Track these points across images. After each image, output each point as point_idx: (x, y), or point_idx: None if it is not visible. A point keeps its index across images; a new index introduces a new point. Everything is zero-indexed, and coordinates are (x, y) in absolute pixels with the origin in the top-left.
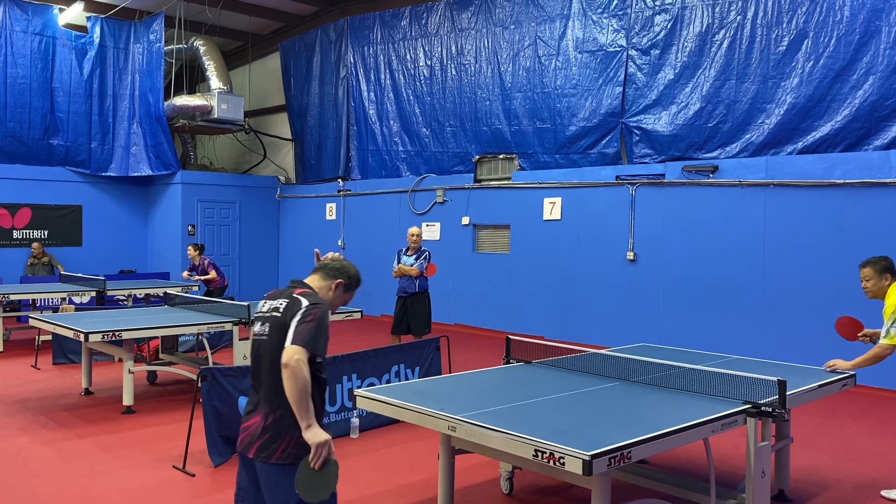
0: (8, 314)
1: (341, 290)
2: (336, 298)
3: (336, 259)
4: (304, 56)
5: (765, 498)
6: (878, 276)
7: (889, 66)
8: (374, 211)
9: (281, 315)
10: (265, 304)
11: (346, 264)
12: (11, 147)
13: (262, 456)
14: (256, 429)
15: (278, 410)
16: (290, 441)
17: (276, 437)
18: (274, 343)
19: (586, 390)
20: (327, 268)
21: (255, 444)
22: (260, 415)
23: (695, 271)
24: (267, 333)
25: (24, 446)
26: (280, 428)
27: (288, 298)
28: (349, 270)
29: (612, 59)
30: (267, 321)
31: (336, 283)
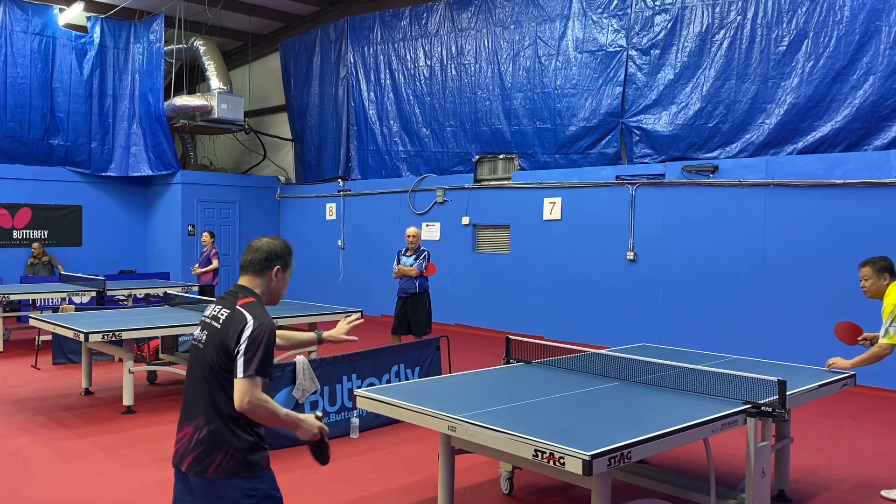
0: (8, 314)
1: (281, 273)
2: (280, 284)
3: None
4: (304, 56)
5: (765, 498)
6: (877, 276)
7: (889, 66)
8: (374, 211)
9: (220, 327)
10: (208, 309)
11: (267, 244)
12: (11, 147)
13: (196, 469)
14: (189, 441)
15: (212, 423)
16: (226, 454)
17: (210, 450)
18: (208, 355)
19: (586, 390)
20: (252, 263)
21: (189, 458)
22: (192, 426)
23: (695, 271)
24: (203, 343)
25: (24, 446)
26: (214, 441)
27: (230, 309)
28: (276, 248)
29: (612, 59)
30: (207, 329)
31: (274, 270)
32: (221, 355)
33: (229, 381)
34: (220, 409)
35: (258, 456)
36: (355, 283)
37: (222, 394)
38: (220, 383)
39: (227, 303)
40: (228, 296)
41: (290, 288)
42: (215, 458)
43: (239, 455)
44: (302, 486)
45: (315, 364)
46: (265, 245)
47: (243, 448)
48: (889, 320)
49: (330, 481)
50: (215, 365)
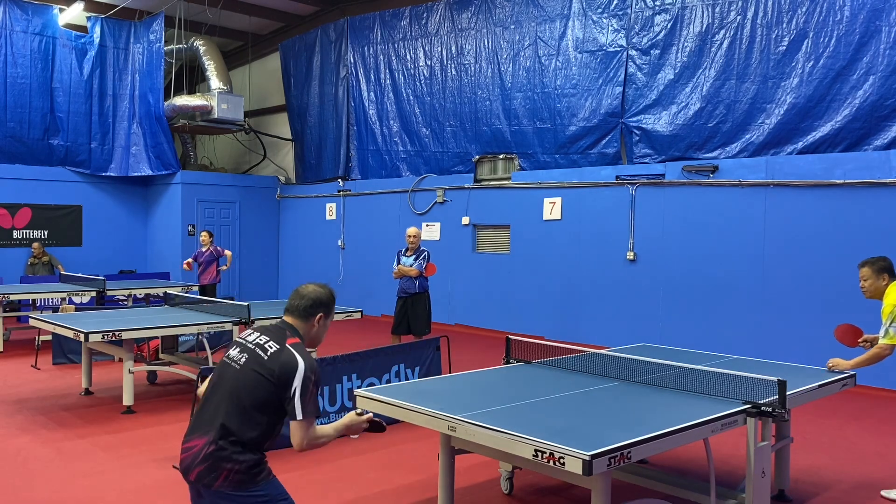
0: (8, 314)
1: (323, 320)
2: (321, 330)
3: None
4: (304, 56)
5: (765, 498)
6: (876, 276)
7: (889, 66)
8: (374, 211)
9: (268, 359)
10: (251, 335)
11: (313, 292)
12: (11, 147)
13: (203, 482)
14: (198, 453)
15: (221, 442)
16: (230, 471)
17: (214, 466)
18: (244, 377)
19: (586, 390)
20: (298, 309)
21: (196, 470)
22: (203, 440)
23: (695, 271)
24: (241, 364)
25: (24, 446)
26: (219, 458)
27: (279, 345)
28: (322, 297)
29: (612, 59)
30: (247, 352)
31: (317, 318)
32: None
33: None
34: (233, 431)
35: (259, 469)
36: (355, 283)
37: (242, 417)
38: (244, 407)
39: (275, 337)
40: (276, 329)
41: (290, 287)
42: (220, 473)
43: (242, 471)
44: (302, 486)
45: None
46: (312, 293)
47: (246, 466)
48: (889, 321)
49: (330, 481)
50: (249, 390)
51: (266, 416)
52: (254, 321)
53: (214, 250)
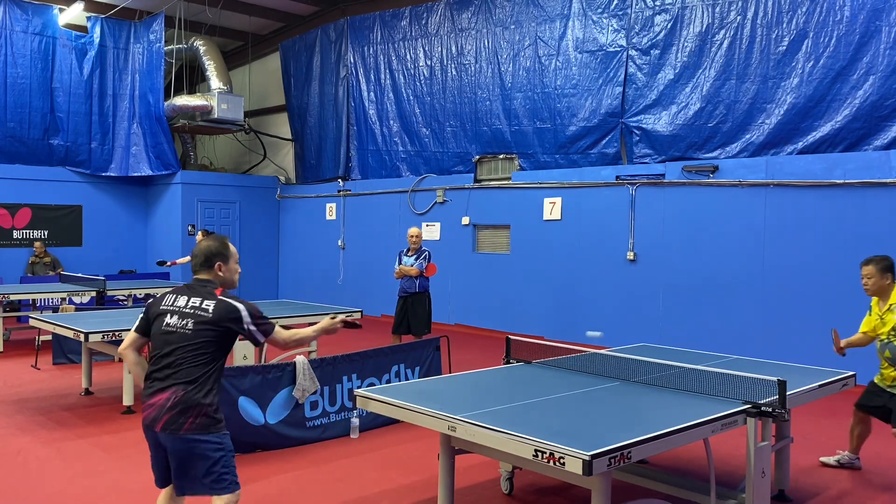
0: (8, 314)
1: (224, 268)
2: (227, 274)
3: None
4: (304, 56)
5: (765, 498)
6: (880, 275)
7: (889, 66)
8: (374, 211)
9: (212, 315)
10: (178, 299)
11: (204, 247)
12: (11, 147)
13: (171, 428)
14: (164, 404)
15: (187, 388)
16: (197, 414)
17: (183, 411)
18: (197, 336)
19: (586, 390)
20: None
21: (163, 419)
22: (167, 392)
23: (695, 271)
24: (191, 328)
25: (24, 446)
26: (187, 403)
27: (213, 299)
28: (211, 248)
29: (612, 59)
30: (189, 317)
31: (216, 266)
32: (212, 335)
33: (210, 355)
34: (194, 378)
35: (219, 414)
36: (355, 283)
37: (199, 365)
38: (201, 357)
39: (205, 295)
40: (199, 289)
41: (290, 287)
42: (188, 417)
43: (207, 413)
44: (302, 486)
45: (315, 364)
46: (203, 249)
47: (211, 410)
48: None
49: (330, 481)
50: (203, 344)
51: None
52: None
53: None
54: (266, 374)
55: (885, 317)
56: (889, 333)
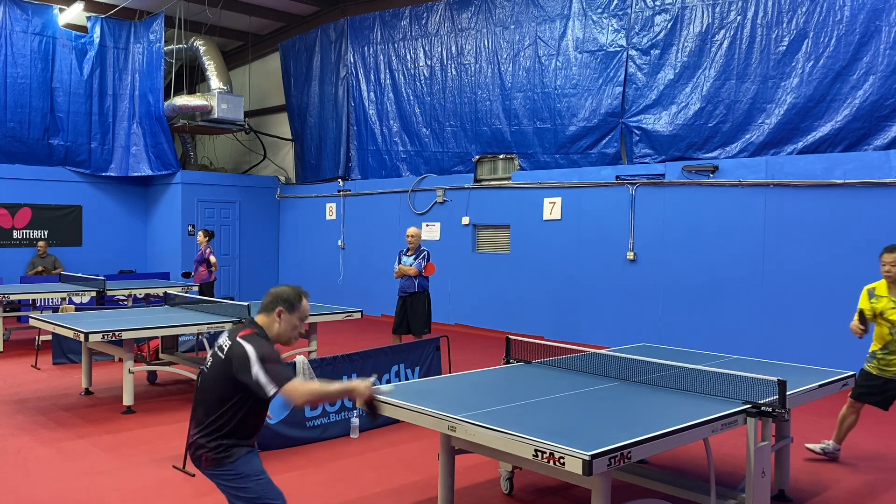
0: (8, 314)
1: (286, 315)
2: (285, 324)
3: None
4: (304, 56)
5: (765, 498)
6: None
7: (889, 66)
8: (374, 211)
9: (223, 356)
10: (221, 338)
11: (278, 290)
12: (11, 147)
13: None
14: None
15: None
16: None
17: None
18: (210, 377)
19: (586, 390)
20: (263, 305)
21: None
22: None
23: (695, 271)
24: (208, 368)
25: (24, 446)
26: (196, 446)
27: (231, 340)
28: (283, 294)
29: (612, 59)
30: (213, 357)
31: (277, 311)
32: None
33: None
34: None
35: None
36: (355, 283)
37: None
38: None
39: (231, 334)
40: (234, 328)
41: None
42: (201, 458)
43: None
44: (302, 486)
45: (315, 364)
46: (275, 291)
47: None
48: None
49: (330, 481)
50: (212, 386)
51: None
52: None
53: (203, 252)
54: None
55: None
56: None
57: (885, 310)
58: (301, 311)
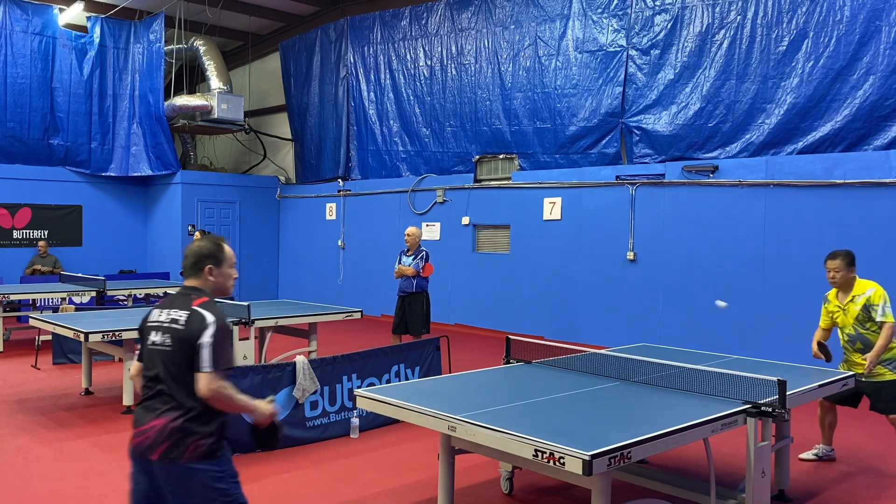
0: (8, 314)
1: (216, 270)
2: (219, 278)
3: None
4: (304, 56)
5: (765, 498)
6: (847, 269)
7: (889, 66)
8: (374, 211)
9: (183, 328)
10: (161, 313)
11: (196, 248)
12: (11, 147)
13: (170, 457)
14: (161, 431)
15: (186, 415)
16: (197, 441)
17: (184, 438)
18: (177, 355)
19: (586, 390)
20: (187, 269)
21: (161, 447)
22: (164, 419)
23: (695, 271)
24: (169, 344)
25: (24, 446)
26: (186, 431)
27: (188, 310)
28: (203, 250)
29: (612, 59)
30: (168, 332)
31: (207, 269)
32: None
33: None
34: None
35: (220, 442)
36: (355, 283)
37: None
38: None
39: (182, 305)
40: (180, 297)
41: (290, 287)
42: (189, 445)
43: (208, 442)
44: (302, 486)
45: (315, 364)
46: (194, 249)
47: (210, 438)
48: (881, 303)
49: (330, 481)
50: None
51: None
52: (254, 321)
53: None
54: (266, 374)
55: (848, 308)
56: (854, 324)
57: (833, 312)
58: (228, 258)
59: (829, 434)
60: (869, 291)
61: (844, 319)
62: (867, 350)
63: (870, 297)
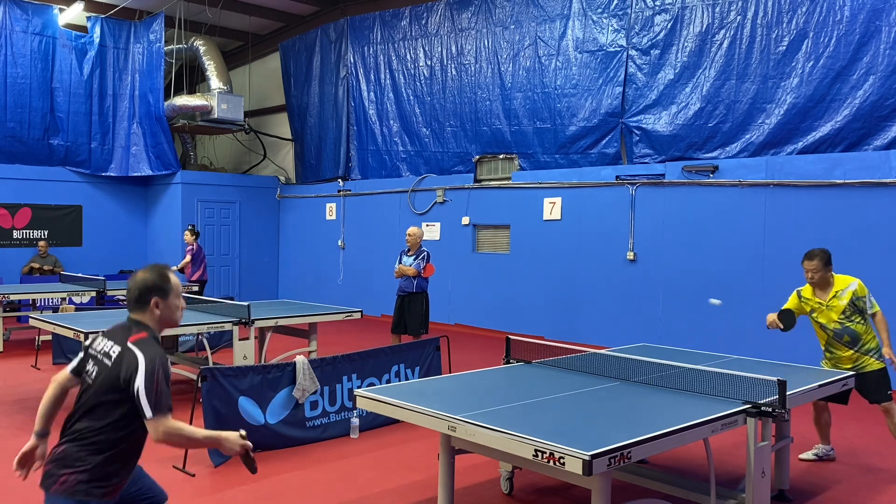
0: (8, 314)
1: (162, 302)
2: (166, 310)
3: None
4: (304, 56)
5: (765, 498)
6: (824, 268)
7: (889, 66)
8: (374, 211)
9: (111, 366)
10: (100, 342)
11: (140, 280)
12: (11, 147)
13: (45, 483)
14: (51, 455)
15: (70, 445)
16: (70, 474)
17: (59, 467)
18: (97, 389)
19: (586, 390)
20: (131, 302)
21: (43, 471)
22: (61, 446)
23: (695, 271)
24: (94, 378)
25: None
26: (65, 460)
27: (121, 346)
28: (147, 282)
29: (612, 59)
30: (97, 364)
31: (153, 303)
32: (108, 390)
33: (109, 412)
34: (83, 435)
35: (102, 484)
36: (355, 283)
37: (94, 421)
38: (99, 414)
39: (119, 338)
40: (121, 330)
41: (290, 287)
42: (62, 475)
43: (82, 478)
44: (302, 486)
45: (315, 364)
46: (138, 281)
47: (89, 473)
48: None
49: (330, 481)
50: (100, 397)
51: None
52: (254, 321)
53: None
54: (266, 374)
55: (832, 304)
56: (840, 318)
57: (814, 309)
58: (174, 288)
59: (826, 433)
60: (852, 286)
61: (829, 315)
62: (854, 343)
63: (855, 290)
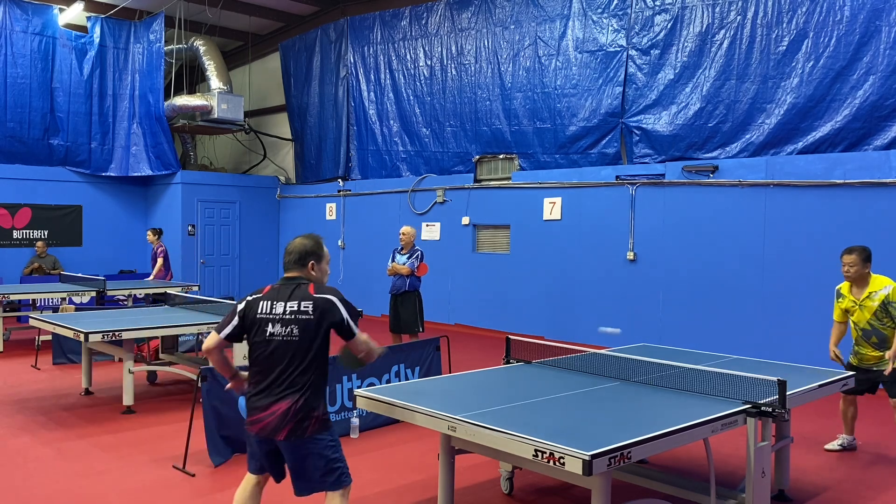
0: (8, 314)
1: (316, 267)
2: (319, 273)
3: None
4: (304, 56)
5: (765, 498)
6: (862, 264)
7: (889, 66)
8: (374, 211)
9: (313, 317)
10: (276, 305)
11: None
12: (11, 147)
13: (296, 435)
14: (286, 412)
15: (306, 395)
16: (316, 418)
17: (306, 416)
18: (306, 342)
19: (586, 390)
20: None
21: (287, 427)
22: (286, 402)
23: (695, 271)
24: (298, 335)
25: (24, 446)
26: (307, 410)
27: (310, 300)
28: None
29: (612, 59)
30: (293, 323)
31: (310, 265)
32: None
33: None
34: (312, 384)
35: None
36: (355, 283)
37: (315, 371)
38: (318, 362)
39: (301, 296)
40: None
41: None
42: (310, 422)
43: (323, 415)
44: None
45: None
46: (298, 246)
47: (324, 409)
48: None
49: None
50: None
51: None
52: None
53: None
54: None
55: (865, 304)
56: (871, 319)
57: (848, 308)
58: (326, 256)
59: (851, 425)
60: (886, 289)
61: (861, 315)
62: (881, 344)
63: (888, 294)
